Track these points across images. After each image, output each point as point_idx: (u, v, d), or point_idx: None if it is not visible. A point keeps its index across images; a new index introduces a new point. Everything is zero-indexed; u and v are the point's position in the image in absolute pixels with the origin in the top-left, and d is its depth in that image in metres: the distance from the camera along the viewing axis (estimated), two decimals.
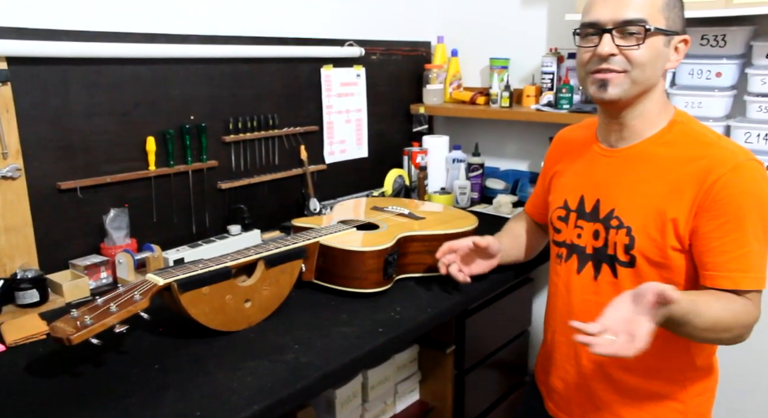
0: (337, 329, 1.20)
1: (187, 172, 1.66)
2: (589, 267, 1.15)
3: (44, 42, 1.33)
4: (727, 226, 0.99)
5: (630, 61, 1.03)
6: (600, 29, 1.03)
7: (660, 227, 1.04)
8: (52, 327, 0.97)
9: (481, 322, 1.67)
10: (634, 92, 1.05)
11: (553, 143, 1.35)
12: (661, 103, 1.10)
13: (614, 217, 1.10)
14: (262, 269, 1.22)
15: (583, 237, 1.16)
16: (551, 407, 1.25)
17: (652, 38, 1.02)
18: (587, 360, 1.16)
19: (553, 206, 1.25)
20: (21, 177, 1.34)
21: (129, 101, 1.52)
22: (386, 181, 2.13)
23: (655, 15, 1.02)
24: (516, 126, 2.31)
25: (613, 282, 1.11)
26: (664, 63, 1.06)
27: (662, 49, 1.04)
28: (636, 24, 1.01)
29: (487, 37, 2.32)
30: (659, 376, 1.11)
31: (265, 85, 1.82)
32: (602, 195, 1.13)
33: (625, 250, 1.08)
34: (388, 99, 2.28)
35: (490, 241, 1.33)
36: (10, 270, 1.33)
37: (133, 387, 0.99)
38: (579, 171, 1.20)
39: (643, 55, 1.02)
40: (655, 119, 1.09)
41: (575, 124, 1.33)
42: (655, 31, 1.01)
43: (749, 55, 1.71)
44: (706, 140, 1.05)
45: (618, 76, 1.04)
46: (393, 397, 1.67)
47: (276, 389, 0.98)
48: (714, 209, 1.00)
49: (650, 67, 1.04)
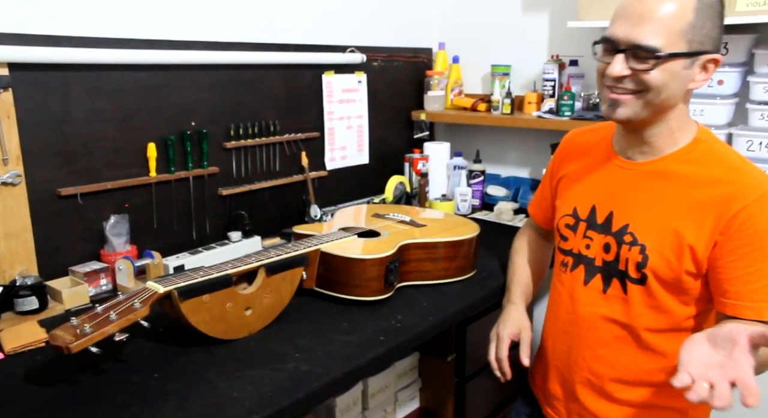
0: (338, 337, 1.19)
1: (187, 179, 1.65)
2: (597, 279, 1.13)
3: (45, 48, 1.33)
4: (753, 255, 0.97)
5: (643, 83, 0.98)
6: (614, 47, 1.00)
7: (677, 250, 1.02)
8: (52, 335, 0.96)
9: (481, 330, 1.66)
10: (646, 114, 1.01)
11: (562, 145, 1.31)
12: (682, 121, 1.05)
13: (628, 232, 1.08)
14: (263, 276, 1.21)
15: (593, 248, 1.14)
16: (549, 412, 1.24)
17: (667, 63, 0.96)
18: (586, 372, 1.15)
19: (561, 213, 1.22)
20: (21, 183, 1.33)
21: (130, 107, 1.51)
22: (387, 187, 2.12)
23: (674, 38, 0.95)
24: (517, 133, 2.31)
25: (622, 298, 1.09)
26: (686, 84, 1.00)
27: (681, 72, 0.98)
28: (645, 50, 0.96)
29: (488, 44, 2.33)
30: (658, 388, 1.10)
31: (266, 91, 1.82)
32: (616, 208, 1.11)
33: (637, 268, 1.06)
34: (389, 105, 2.28)
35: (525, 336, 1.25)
36: (10, 277, 1.33)
37: (133, 396, 0.98)
38: (591, 179, 1.17)
39: (656, 79, 0.97)
40: (675, 137, 1.06)
41: (586, 127, 1.29)
42: (669, 56, 0.95)
43: (751, 63, 1.71)
44: (731, 163, 1.02)
45: (629, 99, 1.00)
46: (393, 405, 1.66)
47: (277, 397, 0.97)
48: (738, 239, 0.97)
49: (666, 89, 0.98)
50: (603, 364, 1.13)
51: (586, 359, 1.14)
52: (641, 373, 1.10)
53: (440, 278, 1.47)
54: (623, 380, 1.11)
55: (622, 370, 1.11)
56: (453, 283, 1.48)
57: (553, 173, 1.31)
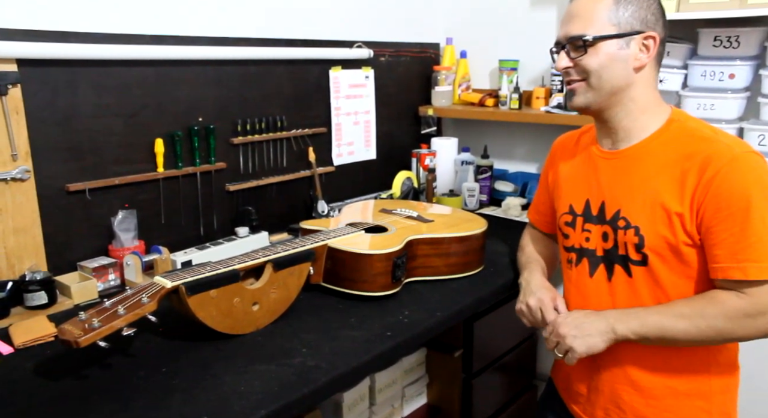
0: (345, 332, 1.19)
1: (195, 174, 1.65)
2: (601, 269, 1.15)
3: (53, 44, 1.33)
4: (733, 217, 0.99)
5: (584, 69, 1.09)
6: (559, 46, 1.13)
7: (667, 224, 1.05)
8: (60, 329, 0.96)
9: (489, 325, 1.66)
10: (600, 97, 1.10)
11: (552, 149, 1.37)
12: (647, 101, 1.11)
13: (621, 217, 1.11)
14: (270, 271, 1.21)
15: (592, 240, 1.16)
16: (576, 409, 1.24)
17: (598, 45, 1.07)
18: (608, 362, 1.15)
19: (560, 212, 1.26)
20: (30, 179, 1.34)
21: (137, 103, 1.52)
22: (394, 183, 2.12)
23: (600, 24, 1.07)
24: (525, 128, 2.29)
25: (628, 282, 1.11)
26: (626, 64, 1.08)
27: (618, 53, 1.07)
28: (576, 39, 1.08)
29: (496, 39, 2.31)
30: (681, 374, 1.10)
31: (273, 86, 1.82)
32: (607, 197, 1.14)
33: (637, 249, 1.08)
34: (396, 101, 2.27)
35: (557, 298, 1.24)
36: (19, 272, 1.33)
37: (140, 390, 0.99)
38: (582, 175, 1.22)
39: (594, 62, 1.08)
40: (647, 117, 1.11)
41: (573, 131, 1.35)
42: (595, 39, 1.06)
43: (764, 57, 1.69)
44: (703, 135, 1.06)
45: (580, 85, 1.11)
46: (400, 400, 1.66)
47: (283, 393, 0.97)
48: (716, 203, 1.00)
49: (606, 71, 1.08)
50: (621, 353, 1.13)
51: (603, 351, 1.14)
52: (658, 358, 1.11)
53: (448, 274, 1.47)
54: (644, 367, 1.12)
55: (640, 357, 1.12)
56: (460, 278, 1.48)
57: (547, 178, 1.36)
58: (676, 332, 1.02)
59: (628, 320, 1.06)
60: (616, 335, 1.06)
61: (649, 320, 1.04)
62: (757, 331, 1.01)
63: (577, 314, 1.12)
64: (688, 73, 1.78)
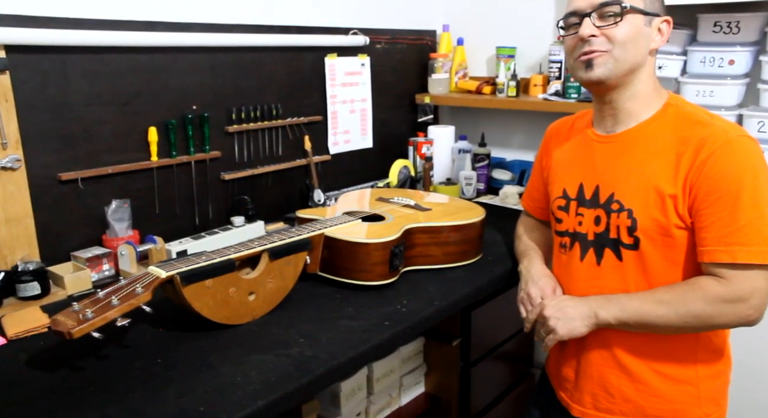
0: (343, 322, 1.18)
1: (189, 163, 1.63)
2: (591, 253, 1.15)
3: (43, 30, 1.31)
4: (723, 200, 0.99)
5: (611, 40, 1.06)
6: (581, 15, 1.08)
7: (660, 207, 1.05)
8: (53, 320, 0.95)
9: (487, 314, 1.65)
10: (620, 71, 1.08)
11: (546, 135, 1.37)
12: (651, 84, 1.12)
13: (615, 200, 1.11)
14: (267, 261, 1.20)
15: (584, 224, 1.16)
16: (563, 396, 1.24)
17: (630, 16, 1.05)
18: (596, 346, 1.15)
19: (553, 197, 1.26)
20: (21, 168, 1.32)
21: (130, 91, 1.49)
22: (391, 171, 2.10)
23: None
24: (523, 116, 2.28)
25: (617, 266, 1.11)
26: (647, 43, 1.09)
27: (643, 29, 1.07)
28: (612, 4, 1.05)
29: (493, 26, 2.29)
30: (669, 358, 1.10)
31: (268, 74, 1.80)
32: (601, 181, 1.14)
33: (629, 232, 1.08)
34: (393, 89, 2.25)
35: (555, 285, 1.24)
36: (11, 262, 1.32)
37: (136, 381, 0.97)
38: (576, 160, 1.21)
39: (623, 33, 1.05)
40: (648, 101, 1.11)
41: (567, 116, 1.34)
42: (631, 8, 1.05)
43: (764, 43, 1.67)
44: (698, 119, 1.07)
45: (602, 55, 1.07)
46: (398, 389, 1.65)
47: (281, 383, 0.97)
48: (707, 186, 1.01)
49: (632, 45, 1.06)
50: (610, 337, 1.13)
51: (592, 335, 1.13)
52: (646, 342, 1.11)
53: (445, 263, 1.46)
54: (633, 351, 1.12)
55: (628, 341, 1.12)
56: (458, 267, 1.47)
57: (541, 163, 1.36)
58: (655, 317, 1.03)
59: (610, 306, 1.06)
60: (597, 320, 1.07)
61: (630, 305, 1.05)
62: (737, 317, 1.01)
63: (562, 298, 1.14)
64: (687, 59, 1.77)
